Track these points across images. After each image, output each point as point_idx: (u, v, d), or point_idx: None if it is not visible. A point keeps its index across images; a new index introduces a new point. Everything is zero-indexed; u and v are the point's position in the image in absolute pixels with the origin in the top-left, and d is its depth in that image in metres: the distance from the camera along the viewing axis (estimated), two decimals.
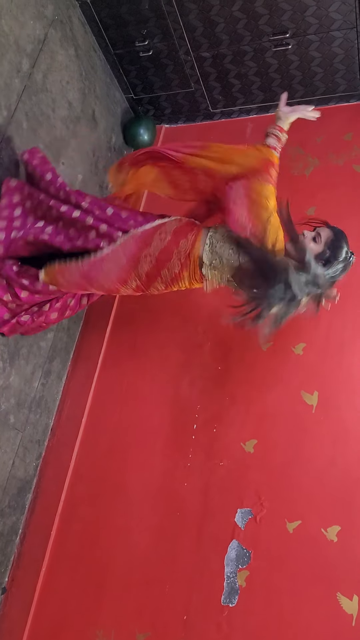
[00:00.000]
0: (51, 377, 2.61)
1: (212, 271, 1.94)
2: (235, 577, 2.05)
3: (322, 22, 2.61)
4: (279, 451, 2.22)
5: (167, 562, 2.15)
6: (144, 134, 3.18)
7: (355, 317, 2.39)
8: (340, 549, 1.99)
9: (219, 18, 2.70)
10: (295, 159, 2.95)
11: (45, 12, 2.55)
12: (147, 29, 2.84)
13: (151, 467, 2.36)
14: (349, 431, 2.17)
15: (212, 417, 2.38)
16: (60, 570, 2.26)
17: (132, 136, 3.19)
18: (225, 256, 1.90)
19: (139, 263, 1.96)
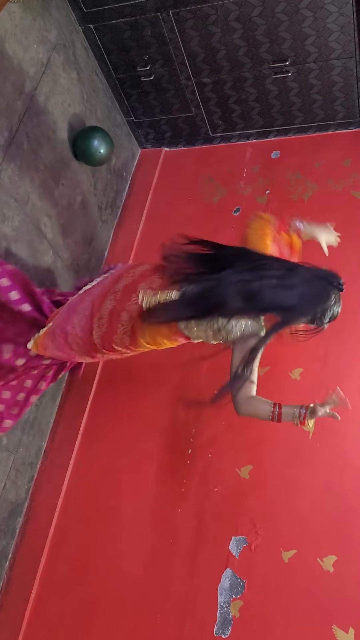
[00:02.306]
0: (45, 399, 2.58)
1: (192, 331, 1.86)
2: (228, 607, 2.00)
3: (321, 51, 2.66)
4: (275, 478, 2.19)
5: (159, 590, 2.10)
6: (99, 147, 2.74)
7: (352, 344, 2.38)
8: (336, 580, 1.95)
9: (220, 45, 2.74)
10: (294, 183, 2.97)
11: (49, 36, 2.59)
12: (149, 54, 2.88)
13: (145, 492, 2.32)
14: (345, 458, 2.15)
15: (207, 441, 2.35)
16: (49, 598, 2.21)
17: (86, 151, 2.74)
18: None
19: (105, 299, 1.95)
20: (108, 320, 1.92)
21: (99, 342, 1.95)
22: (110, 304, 1.93)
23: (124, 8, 2.69)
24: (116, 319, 1.90)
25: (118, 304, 1.91)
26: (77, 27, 2.81)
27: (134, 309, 1.88)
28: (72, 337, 2.00)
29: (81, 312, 2.00)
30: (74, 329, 1.99)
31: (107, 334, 1.93)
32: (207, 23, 2.66)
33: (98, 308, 1.95)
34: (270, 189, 3.00)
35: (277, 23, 2.58)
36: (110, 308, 1.92)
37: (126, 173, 3.31)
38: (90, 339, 1.96)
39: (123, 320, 1.89)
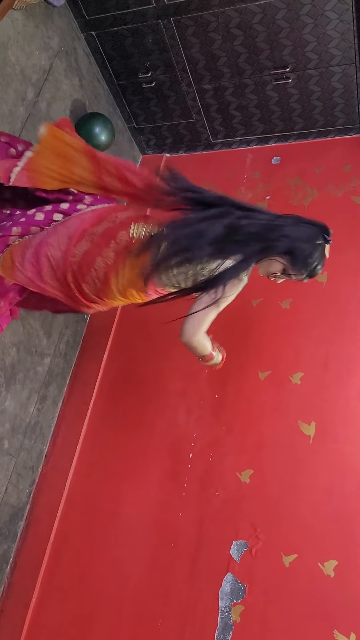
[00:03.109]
0: (47, 403, 2.59)
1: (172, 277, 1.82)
2: (229, 612, 2.00)
3: (321, 57, 2.68)
4: (275, 482, 2.19)
5: (160, 595, 2.10)
6: (100, 134, 2.75)
7: (353, 348, 2.39)
8: (337, 585, 1.95)
9: (221, 52, 2.76)
10: (294, 189, 2.98)
11: (51, 43, 2.61)
12: (151, 61, 2.90)
13: (146, 496, 2.32)
14: (346, 463, 2.15)
15: (208, 446, 2.36)
16: (50, 602, 2.21)
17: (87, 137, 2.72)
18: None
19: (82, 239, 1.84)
20: (81, 260, 1.83)
21: (70, 278, 1.85)
22: (85, 246, 1.84)
23: (126, 15, 2.72)
24: (89, 261, 1.83)
25: (94, 247, 1.83)
26: (79, 34, 2.84)
27: (109, 256, 1.82)
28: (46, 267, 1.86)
29: (55, 245, 1.86)
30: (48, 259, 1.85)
31: (78, 274, 1.85)
32: (208, 30, 2.68)
33: (74, 245, 1.84)
34: (270, 194, 3.02)
35: (277, 30, 2.60)
36: (85, 249, 1.83)
37: None
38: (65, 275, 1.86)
39: (96, 265, 1.83)
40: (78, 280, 1.85)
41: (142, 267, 1.78)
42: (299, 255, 1.74)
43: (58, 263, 1.85)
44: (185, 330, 1.76)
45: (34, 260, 1.85)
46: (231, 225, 1.75)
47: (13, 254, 1.86)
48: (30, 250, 1.85)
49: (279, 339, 2.50)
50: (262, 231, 1.74)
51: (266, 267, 1.81)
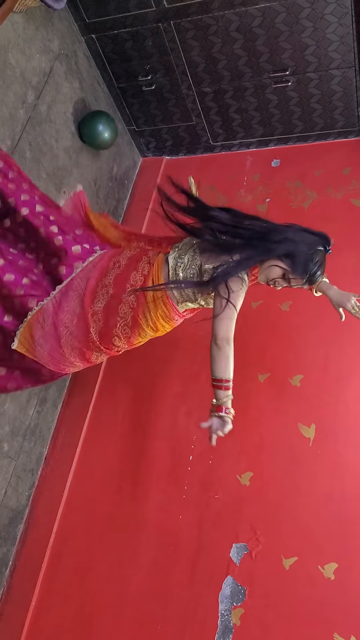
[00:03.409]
0: (47, 405, 2.59)
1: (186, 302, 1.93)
2: (229, 615, 1.99)
3: (321, 60, 2.68)
4: (275, 484, 2.19)
5: (160, 598, 2.09)
6: (103, 132, 2.80)
7: (353, 351, 2.39)
8: (338, 588, 1.94)
9: (221, 55, 2.77)
10: (294, 191, 2.99)
11: (52, 46, 2.62)
12: (151, 64, 2.91)
13: (145, 499, 2.32)
14: (346, 465, 2.15)
15: (208, 448, 2.35)
16: (50, 605, 2.20)
17: (91, 134, 2.81)
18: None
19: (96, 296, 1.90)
20: (104, 315, 1.89)
21: (97, 339, 1.90)
22: (103, 300, 1.90)
23: (126, 18, 2.72)
24: (114, 312, 1.88)
25: (112, 298, 1.89)
26: (79, 37, 2.84)
27: (131, 300, 1.88)
28: (65, 336, 1.90)
29: (70, 310, 1.91)
30: (66, 328, 1.90)
31: (105, 328, 1.90)
32: (208, 33, 2.69)
33: (90, 305, 1.90)
34: (270, 197, 3.02)
35: (277, 33, 2.60)
36: (104, 303, 1.89)
37: (127, 181, 3.34)
38: (87, 337, 1.91)
39: (121, 313, 1.88)
40: (108, 335, 1.90)
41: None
42: (300, 260, 1.77)
43: (77, 326, 1.89)
44: (218, 331, 1.78)
45: (52, 331, 1.89)
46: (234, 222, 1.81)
47: (32, 329, 1.90)
48: (49, 321, 1.89)
49: (278, 341, 2.50)
50: (265, 232, 1.80)
51: (266, 273, 1.84)
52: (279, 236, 1.78)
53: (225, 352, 1.77)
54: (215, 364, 1.78)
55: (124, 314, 1.89)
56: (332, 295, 1.97)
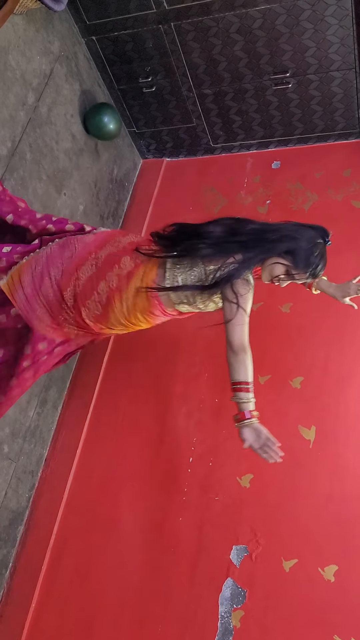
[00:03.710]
0: (47, 407, 2.59)
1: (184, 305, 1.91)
2: (229, 617, 1.99)
3: (321, 62, 2.68)
4: (275, 486, 2.19)
5: (160, 600, 2.09)
6: (108, 123, 2.87)
7: (353, 352, 2.39)
8: (338, 590, 1.94)
9: (221, 57, 2.77)
10: (294, 194, 2.99)
11: (52, 48, 2.62)
12: (151, 66, 2.91)
13: (145, 501, 2.32)
14: (346, 467, 2.15)
15: (208, 450, 2.35)
16: (50, 607, 2.20)
17: (96, 126, 2.87)
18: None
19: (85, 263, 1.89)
20: (84, 284, 1.87)
21: (70, 299, 1.87)
22: (89, 270, 1.88)
23: (126, 20, 2.73)
24: (93, 285, 1.87)
25: (98, 272, 1.87)
26: (79, 38, 2.85)
27: (113, 280, 1.86)
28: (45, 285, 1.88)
29: (58, 264, 1.90)
30: (50, 278, 1.88)
31: (81, 295, 1.87)
32: (208, 35, 2.69)
33: (76, 268, 1.88)
34: (270, 198, 3.02)
35: (277, 35, 2.61)
36: (89, 273, 1.87)
37: (128, 183, 3.34)
38: (62, 293, 1.88)
39: (99, 289, 1.86)
40: (78, 303, 1.88)
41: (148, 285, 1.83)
42: (301, 254, 1.78)
43: (59, 282, 1.88)
44: (233, 338, 1.79)
45: (38, 277, 1.88)
46: (231, 226, 1.81)
47: (21, 272, 1.89)
48: (39, 267, 1.89)
49: (279, 343, 2.50)
50: (262, 232, 1.80)
51: (269, 271, 1.84)
52: (277, 234, 1.79)
53: (242, 358, 1.77)
54: (234, 370, 1.78)
55: (101, 290, 1.86)
56: (334, 291, 1.99)
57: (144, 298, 1.86)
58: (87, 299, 1.87)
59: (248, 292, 1.78)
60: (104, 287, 1.86)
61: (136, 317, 1.90)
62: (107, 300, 1.87)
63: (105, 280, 1.86)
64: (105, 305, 1.87)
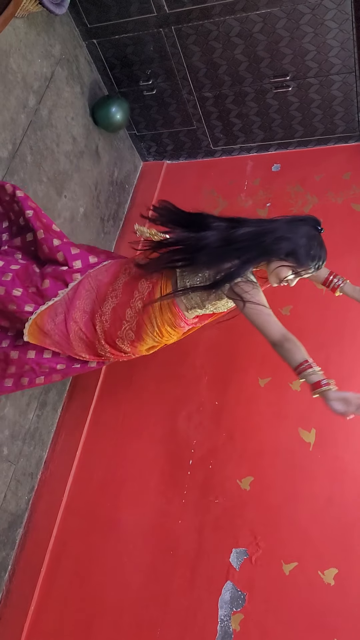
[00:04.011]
0: (46, 409, 2.58)
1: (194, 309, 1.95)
2: (229, 621, 1.99)
3: (321, 66, 2.69)
4: (276, 489, 2.18)
5: (160, 603, 2.09)
6: (115, 113, 2.92)
7: (352, 354, 2.39)
8: (338, 593, 1.94)
9: (222, 60, 2.78)
10: (294, 196, 2.99)
11: (53, 51, 2.63)
12: (152, 69, 2.92)
13: (145, 503, 2.31)
14: (346, 471, 2.14)
15: (208, 452, 2.35)
16: (49, 610, 2.20)
17: (104, 116, 2.93)
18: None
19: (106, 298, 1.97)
20: (111, 317, 1.95)
21: (102, 337, 1.97)
22: (111, 303, 1.96)
23: (127, 24, 2.74)
24: (120, 316, 1.95)
25: (120, 302, 1.95)
26: (80, 42, 2.85)
27: (137, 305, 1.94)
28: (74, 331, 1.97)
29: (81, 308, 1.98)
30: (76, 323, 1.97)
31: (111, 330, 1.96)
32: (208, 39, 2.70)
33: (99, 305, 1.97)
34: (270, 201, 3.03)
35: (277, 39, 2.61)
36: (112, 307, 1.96)
37: (128, 185, 3.34)
38: (94, 334, 1.98)
39: (127, 317, 1.94)
40: (112, 336, 1.97)
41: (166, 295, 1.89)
42: (301, 252, 1.81)
43: (86, 324, 1.97)
44: (268, 335, 1.80)
45: (62, 326, 1.96)
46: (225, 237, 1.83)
47: (43, 321, 1.96)
48: (60, 317, 1.96)
49: None
50: (256, 236, 1.82)
51: (276, 275, 1.87)
52: (271, 237, 1.80)
53: (288, 347, 1.75)
54: (288, 359, 1.76)
55: (130, 318, 1.94)
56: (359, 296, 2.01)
57: (168, 312, 1.92)
58: (118, 330, 1.96)
59: (252, 289, 1.80)
60: (131, 313, 1.94)
61: (166, 330, 1.97)
62: (137, 325, 1.94)
63: (130, 307, 1.94)
64: (137, 330, 1.95)
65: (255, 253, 1.81)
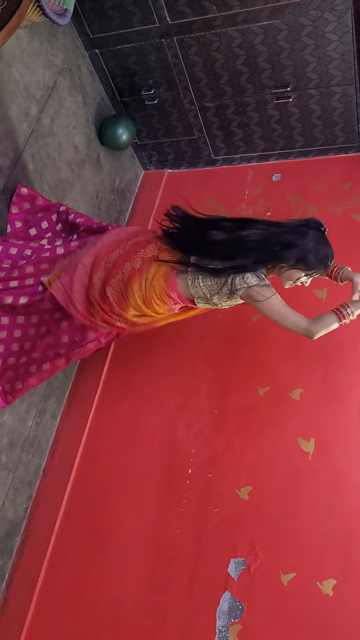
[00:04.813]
0: (45, 416, 2.58)
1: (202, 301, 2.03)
2: (227, 632, 1.98)
3: (322, 77, 2.71)
4: (274, 499, 2.18)
5: (157, 613, 2.08)
6: (122, 134, 3.00)
7: (352, 364, 2.39)
8: (336, 604, 1.93)
9: (223, 71, 2.80)
10: (294, 206, 3.01)
11: (55, 60, 2.65)
12: (154, 79, 2.94)
13: (144, 512, 2.31)
14: (345, 481, 2.14)
15: (207, 461, 2.35)
16: (46, 620, 2.19)
17: (111, 136, 3.00)
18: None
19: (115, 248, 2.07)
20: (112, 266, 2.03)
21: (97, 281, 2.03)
22: (117, 253, 2.04)
23: (130, 34, 2.76)
24: (119, 265, 2.02)
25: (125, 254, 2.03)
26: (83, 51, 2.88)
27: (137, 262, 2.01)
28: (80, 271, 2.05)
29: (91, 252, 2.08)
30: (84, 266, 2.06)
31: (106, 277, 2.02)
32: (210, 49, 2.72)
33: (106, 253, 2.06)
34: (271, 210, 3.04)
35: (279, 50, 2.64)
36: (117, 256, 2.04)
37: (129, 194, 3.36)
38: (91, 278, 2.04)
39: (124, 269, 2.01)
40: (104, 283, 2.03)
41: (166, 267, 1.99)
42: (311, 257, 1.91)
43: (91, 265, 2.05)
44: (294, 329, 1.94)
45: (72, 267, 2.06)
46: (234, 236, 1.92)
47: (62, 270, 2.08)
48: (74, 261, 2.08)
49: (278, 354, 2.50)
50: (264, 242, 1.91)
51: (287, 277, 1.97)
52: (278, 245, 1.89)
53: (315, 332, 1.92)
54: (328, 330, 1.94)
55: (126, 270, 2.01)
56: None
57: (161, 279, 1.98)
58: (113, 278, 2.01)
59: (268, 291, 1.90)
60: (129, 267, 2.01)
61: (153, 300, 2.01)
62: (128, 279, 2.00)
63: (130, 261, 2.02)
64: (126, 282, 2.00)
65: (265, 257, 1.91)
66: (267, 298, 1.88)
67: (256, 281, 1.90)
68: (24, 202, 2.39)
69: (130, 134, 3.02)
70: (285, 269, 1.94)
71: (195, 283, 1.97)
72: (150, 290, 1.98)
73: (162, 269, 1.98)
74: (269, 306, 1.90)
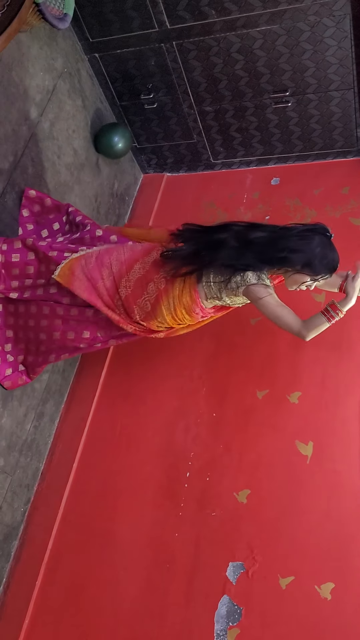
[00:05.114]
0: (44, 420, 2.58)
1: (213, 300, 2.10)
2: (225, 636, 1.97)
3: (320, 82, 2.72)
4: (273, 502, 2.18)
5: (155, 617, 2.07)
6: (118, 143, 2.98)
7: (350, 368, 2.39)
8: (334, 608, 1.92)
9: (222, 75, 2.81)
10: (293, 209, 3.02)
11: (55, 64, 2.66)
12: (153, 83, 2.95)
13: (142, 516, 2.30)
14: (343, 484, 2.14)
15: (205, 465, 2.34)
16: (44, 624, 2.18)
17: (107, 145, 2.98)
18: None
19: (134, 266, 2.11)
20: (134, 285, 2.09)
21: (123, 293, 2.09)
22: (138, 273, 2.10)
23: (129, 38, 2.77)
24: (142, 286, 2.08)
25: (146, 274, 2.08)
26: (82, 55, 2.89)
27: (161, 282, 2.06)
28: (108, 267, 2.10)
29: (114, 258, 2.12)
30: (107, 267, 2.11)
31: (131, 296, 2.09)
32: (209, 54, 2.73)
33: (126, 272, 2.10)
34: (269, 214, 3.05)
35: (277, 55, 2.65)
36: (138, 276, 2.09)
37: (128, 197, 3.36)
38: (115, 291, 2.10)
39: (149, 290, 2.08)
40: (129, 302, 2.09)
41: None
42: (316, 263, 1.95)
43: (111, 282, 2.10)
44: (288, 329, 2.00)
45: (95, 265, 2.09)
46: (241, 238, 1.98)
47: (73, 266, 2.10)
48: (91, 260, 2.11)
49: (277, 358, 2.51)
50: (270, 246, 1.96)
51: (293, 281, 2.01)
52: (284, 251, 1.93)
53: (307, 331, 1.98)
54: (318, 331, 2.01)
55: (151, 291, 2.07)
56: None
57: (187, 296, 2.06)
58: (138, 299, 2.09)
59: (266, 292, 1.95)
60: (153, 288, 2.07)
61: (181, 313, 2.09)
62: (155, 299, 2.08)
63: (153, 282, 2.07)
64: (154, 303, 2.08)
65: (271, 259, 1.95)
66: (261, 297, 1.94)
67: (255, 280, 1.95)
68: (34, 205, 2.42)
69: (127, 142, 3.02)
70: (291, 272, 1.99)
71: (208, 283, 2.03)
72: (179, 306, 2.07)
73: (187, 285, 2.06)
74: (264, 306, 1.96)
